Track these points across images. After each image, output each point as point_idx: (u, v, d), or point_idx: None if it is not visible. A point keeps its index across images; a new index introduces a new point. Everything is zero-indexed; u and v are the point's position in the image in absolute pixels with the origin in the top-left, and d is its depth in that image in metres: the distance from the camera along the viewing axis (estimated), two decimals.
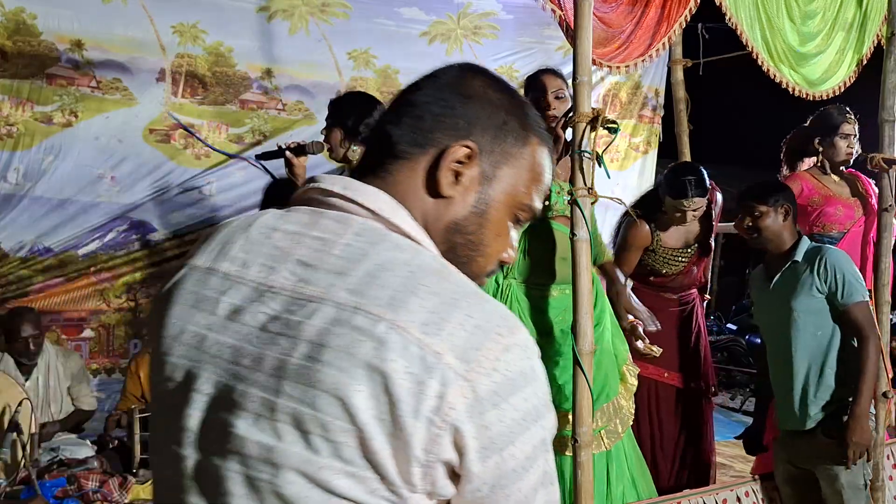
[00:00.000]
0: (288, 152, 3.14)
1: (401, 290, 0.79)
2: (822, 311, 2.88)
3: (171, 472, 0.87)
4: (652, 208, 3.62)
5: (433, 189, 0.92)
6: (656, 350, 3.25)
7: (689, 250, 3.66)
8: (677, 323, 3.70)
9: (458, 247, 0.93)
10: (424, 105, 0.95)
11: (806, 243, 2.98)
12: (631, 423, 3.19)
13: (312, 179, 0.95)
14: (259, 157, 3.29)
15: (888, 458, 3.53)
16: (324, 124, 3.24)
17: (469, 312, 0.78)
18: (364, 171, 0.95)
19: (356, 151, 3.10)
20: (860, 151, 3.69)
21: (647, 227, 3.59)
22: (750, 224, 2.99)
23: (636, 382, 3.25)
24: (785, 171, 3.91)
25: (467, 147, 0.92)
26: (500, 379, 0.77)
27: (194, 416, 0.84)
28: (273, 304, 0.83)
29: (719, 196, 3.80)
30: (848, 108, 3.73)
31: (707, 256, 3.80)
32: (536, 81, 3.12)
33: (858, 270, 2.97)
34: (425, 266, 0.82)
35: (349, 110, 3.11)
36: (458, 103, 0.94)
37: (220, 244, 0.92)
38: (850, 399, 2.84)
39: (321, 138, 3.17)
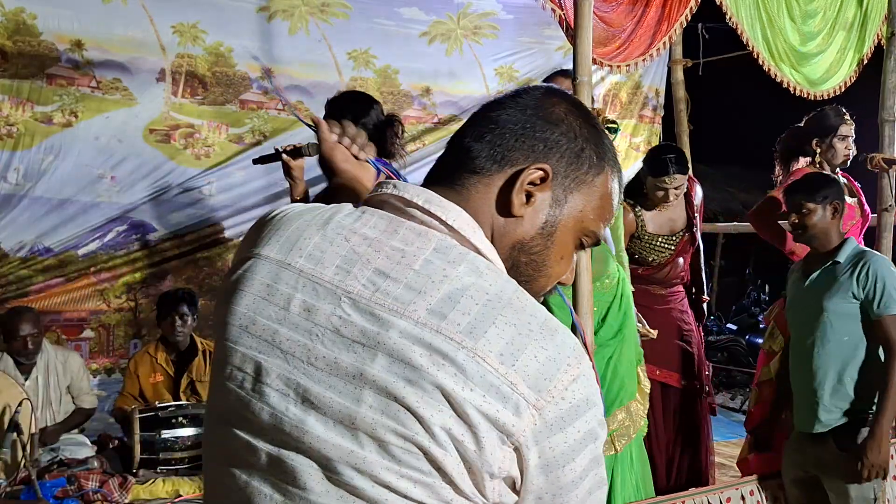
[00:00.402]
0: (284, 155, 3.14)
1: (480, 319, 0.82)
2: (853, 317, 2.78)
3: (238, 460, 0.88)
4: (634, 194, 3.63)
5: (505, 207, 0.94)
6: (653, 333, 3.29)
7: (675, 238, 3.67)
8: (668, 320, 3.70)
9: (522, 265, 0.96)
10: (506, 124, 0.97)
11: (852, 245, 2.87)
12: (641, 424, 3.18)
13: (387, 185, 0.96)
14: (256, 160, 3.28)
15: (891, 458, 3.53)
16: None
17: (543, 345, 0.83)
18: (437, 181, 0.98)
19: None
20: (856, 152, 3.68)
21: (632, 213, 3.61)
22: (796, 221, 2.91)
23: (648, 383, 3.24)
24: (778, 170, 3.90)
25: (543, 170, 0.94)
26: (566, 407, 0.82)
27: (266, 411, 0.86)
28: (349, 309, 0.85)
29: (699, 188, 3.82)
30: (844, 109, 3.72)
31: (693, 247, 3.80)
32: (550, 81, 3.15)
33: None
34: (503, 295, 0.85)
35: (347, 109, 3.08)
36: (540, 126, 0.96)
37: (292, 237, 0.93)
38: (868, 412, 2.77)
39: (316, 139, 3.16)
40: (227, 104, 4.84)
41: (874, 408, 2.76)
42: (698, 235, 3.80)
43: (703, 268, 4.02)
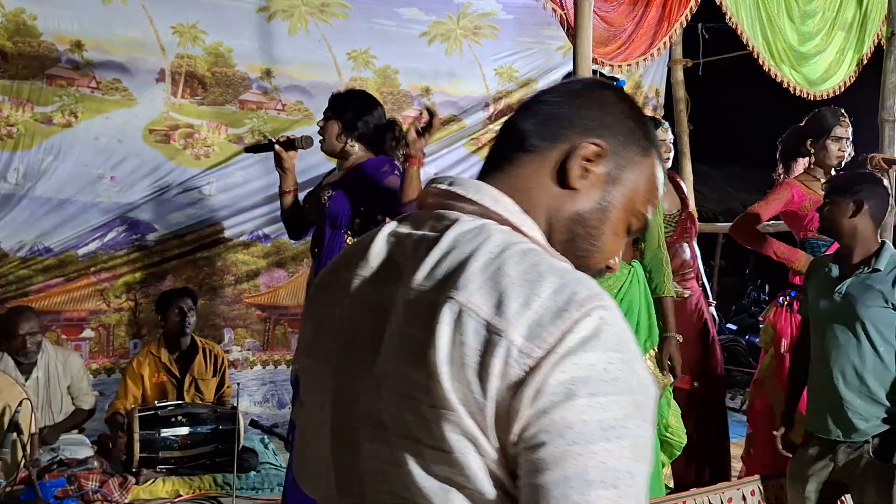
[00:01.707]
0: (277, 146, 3.16)
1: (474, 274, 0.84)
2: (891, 326, 2.69)
3: (343, 449, 0.91)
4: None
5: (562, 180, 0.96)
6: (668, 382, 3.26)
7: (672, 216, 3.63)
8: (681, 319, 3.62)
9: (579, 238, 0.97)
10: (556, 106, 1.00)
11: (890, 251, 2.75)
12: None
13: (444, 181, 0.98)
14: (248, 149, 3.32)
15: None
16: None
17: (537, 291, 0.81)
18: (487, 167, 1.00)
19: (354, 147, 3.11)
20: (853, 154, 3.67)
21: None
22: (823, 214, 2.83)
23: (663, 378, 3.13)
24: (780, 169, 3.90)
25: (598, 145, 0.96)
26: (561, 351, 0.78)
27: (364, 403, 0.87)
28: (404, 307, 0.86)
29: (682, 182, 3.83)
30: (842, 111, 3.70)
31: (694, 227, 3.75)
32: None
33: None
34: (505, 250, 0.86)
35: (350, 105, 3.12)
36: (590, 108, 0.99)
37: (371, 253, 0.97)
38: None
39: (316, 136, 3.17)
40: (226, 104, 4.84)
41: None
42: (695, 213, 3.75)
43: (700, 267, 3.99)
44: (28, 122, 4.37)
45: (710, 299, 4.00)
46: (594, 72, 2.56)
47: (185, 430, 3.92)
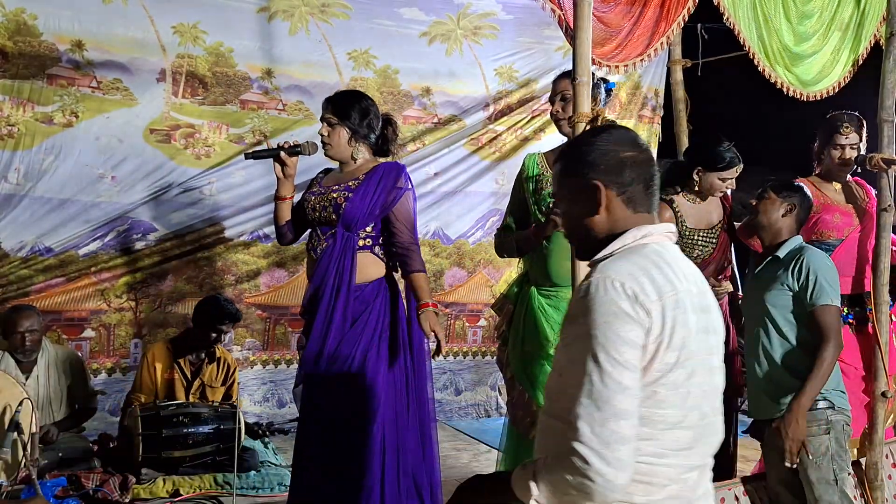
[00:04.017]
0: (283, 153, 3.14)
1: None
2: (790, 309, 2.97)
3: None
4: (670, 189, 3.57)
5: None
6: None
7: (714, 231, 3.61)
8: None
9: None
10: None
11: (794, 243, 3.07)
12: None
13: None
14: (249, 155, 3.24)
15: (887, 458, 3.54)
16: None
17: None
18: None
19: (360, 149, 3.12)
20: (864, 154, 3.66)
21: (670, 210, 3.54)
22: (754, 204, 3.17)
23: None
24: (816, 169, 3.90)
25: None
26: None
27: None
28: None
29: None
30: (849, 116, 3.70)
31: (731, 241, 3.75)
32: (556, 83, 3.17)
33: (838, 275, 3.02)
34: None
35: (354, 109, 3.11)
36: None
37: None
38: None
39: (317, 139, 3.15)
40: (227, 104, 4.85)
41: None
42: (735, 224, 3.74)
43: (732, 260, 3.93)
44: (29, 122, 4.38)
45: (739, 293, 3.98)
46: (592, 72, 2.56)
47: (186, 430, 3.93)
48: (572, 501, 1.39)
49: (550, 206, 3.07)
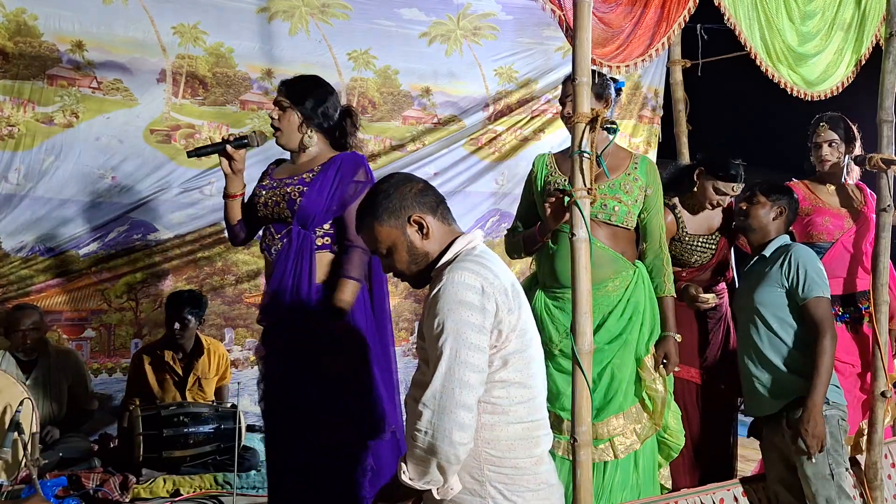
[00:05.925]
0: (228, 146, 2.90)
1: None
2: (782, 305, 3.01)
3: None
4: (673, 193, 3.57)
5: None
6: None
7: (713, 237, 3.61)
8: (706, 323, 3.62)
9: None
10: None
11: (781, 241, 3.14)
12: (652, 432, 3.11)
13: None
14: (192, 153, 3.00)
15: (886, 457, 3.54)
16: None
17: None
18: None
19: (313, 138, 2.93)
20: (859, 153, 3.67)
21: (671, 215, 3.55)
22: (743, 207, 3.23)
23: (662, 389, 3.10)
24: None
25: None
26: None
27: None
28: None
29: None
30: (829, 116, 3.74)
31: (730, 248, 3.75)
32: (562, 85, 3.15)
33: (824, 269, 3.07)
34: None
35: (309, 93, 2.91)
36: None
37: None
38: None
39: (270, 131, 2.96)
40: (227, 105, 4.85)
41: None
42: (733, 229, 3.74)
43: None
44: (29, 123, 4.38)
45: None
46: (593, 72, 2.56)
47: (186, 430, 3.93)
48: (425, 471, 1.77)
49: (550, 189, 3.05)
